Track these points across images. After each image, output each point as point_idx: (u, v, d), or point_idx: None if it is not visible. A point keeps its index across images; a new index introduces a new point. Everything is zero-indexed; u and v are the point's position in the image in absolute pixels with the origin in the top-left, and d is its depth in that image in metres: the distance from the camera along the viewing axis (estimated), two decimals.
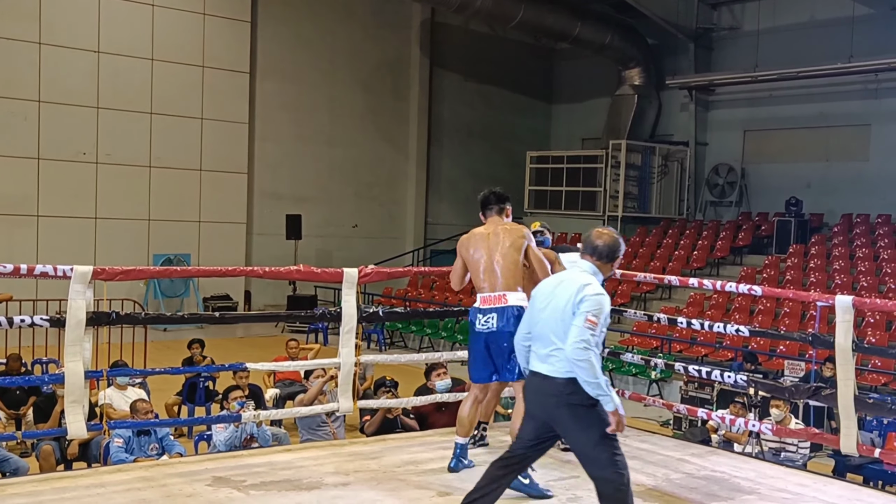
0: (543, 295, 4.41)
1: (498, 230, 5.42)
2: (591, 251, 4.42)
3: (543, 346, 4.30)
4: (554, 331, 4.24)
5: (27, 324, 5.39)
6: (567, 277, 4.40)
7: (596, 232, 4.49)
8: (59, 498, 4.88)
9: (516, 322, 5.08)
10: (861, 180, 19.13)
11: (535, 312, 4.43)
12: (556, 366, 4.22)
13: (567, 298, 4.23)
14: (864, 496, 5.57)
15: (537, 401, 4.37)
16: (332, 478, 5.35)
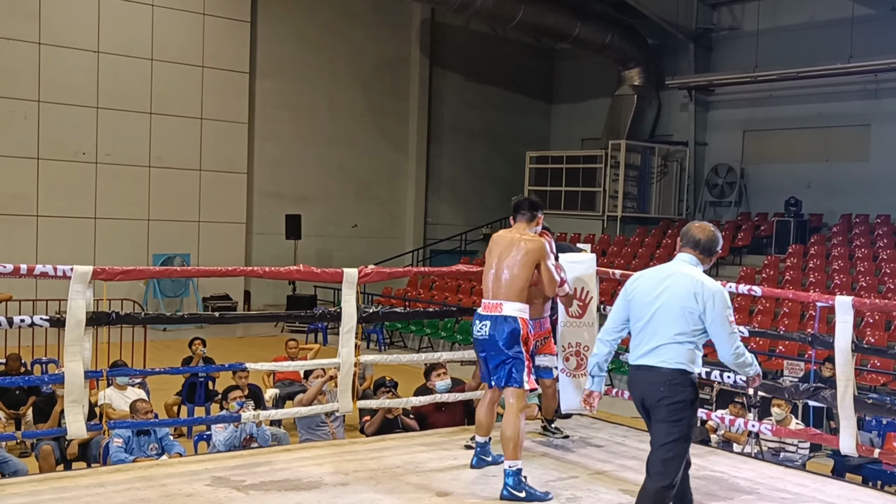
0: (647, 288, 4.38)
1: (519, 239, 5.35)
2: (694, 245, 4.42)
3: (652, 338, 4.30)
4: (670, 324, 4.27)
5: (27, 324, 5.38)
6: (675, 271, 4.37)
7: (697, 226, 4.48)
8: (59, 497, 4.88)
9: (509, 334, 5.16)
10: (860, 181, 19.14)
11: (637, 307, 4.38)
12: (665, 356, 4.26)
13: (683, 293, 4.26)
14: (863, 496, 5.57)
15: (643, 392, 4.36)
16: (331, 477, 5.35)
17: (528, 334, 5.23)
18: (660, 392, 4.25)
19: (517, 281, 5.23)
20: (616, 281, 7.54)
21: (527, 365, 5.20)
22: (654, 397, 4.28)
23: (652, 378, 4.28)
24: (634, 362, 4.39)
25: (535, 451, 6.14)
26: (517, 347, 5.19)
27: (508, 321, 5.19)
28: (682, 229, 4.51)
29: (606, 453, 6.18)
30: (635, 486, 5.44)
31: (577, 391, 6.71)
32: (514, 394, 5.20)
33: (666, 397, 4.23)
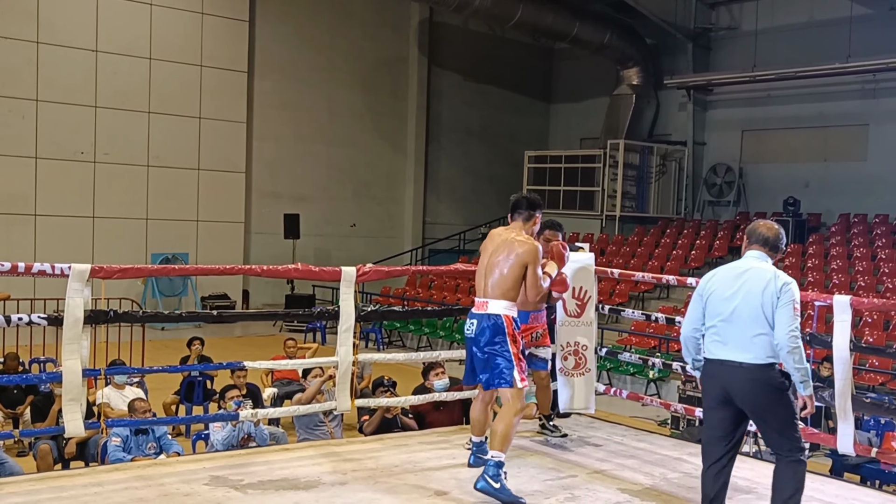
0: (724, 285, 4.49)
1: (511, 239, 5.25)
2: (763, 242, 4.59)
3: (739, 334, 4.39)
4: (753, 318, 4.37)
5: (25, 322, 5.38)
6: (750, 266, 4.50)
7: (764, 224, 4.66)
8: (57, 497, 4.86)
9: (490, 331, 5.11)
10: (859, 180, 19.15)
11: (715, 303, 4.48)
12: (755, 352, 4.36)
13: (762, 287, 4.39)
14: (860, 495, 5.57)
15: (728, 386, 4.43)
16: (329, 477, 5.34)
17: (514, 332, 5.14)
18: (753, 388, 4.38)
19: (505, 281, 5.16)
20: (614, 280, 7.56)
21: (516, 363, 5.10)
22: (746, 393, 4.40)
23: (740, 375, 4.38)
24: (716, 357, 4.47)
25: (533, 450, 6.14)
26: (501, 345, 5.11)
27: (492, 318, 5.14)
28: (749, 228, 4.69)
29: (605, 452, 6.18)
30: (633, 485, 5.45)
31: (576, 390, 6.72)
32: (509, 394, 5.12)
33: (763, 392, 4.37)
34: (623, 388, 12.58)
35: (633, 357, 8.32)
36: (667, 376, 13.92)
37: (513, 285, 5.16)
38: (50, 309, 11.13)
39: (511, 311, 5.16)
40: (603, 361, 13.25)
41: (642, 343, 15.70)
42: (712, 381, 4.54)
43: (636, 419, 11.13)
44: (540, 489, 5.26)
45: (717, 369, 4.48)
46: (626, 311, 7.83)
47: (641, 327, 15.93)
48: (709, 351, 4.50)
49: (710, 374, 4.54)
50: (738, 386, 4.40)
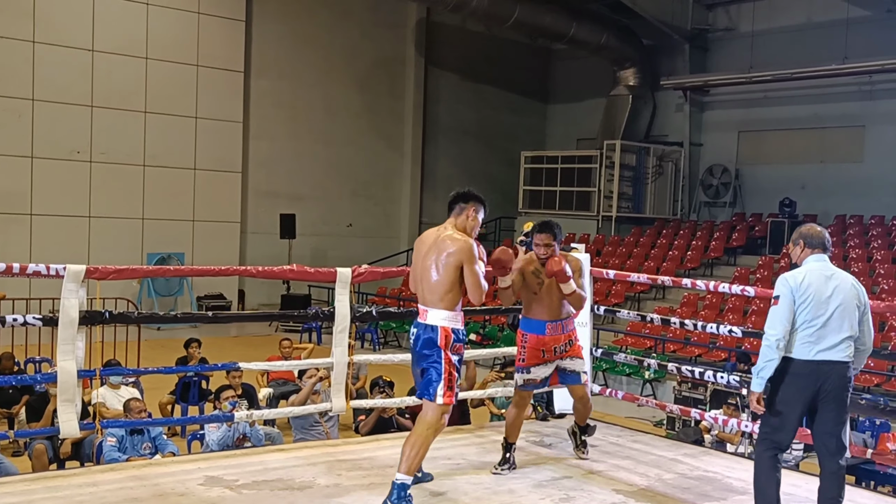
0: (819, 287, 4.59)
1: (442, 238, 4.82)
2: (823, 247, 4.76)
3: (834, 335, 4.57)
4: (848, 320, 4.59)
5: (20, 323, 5.38)
6: (834, 271, 4.69)
7: (816, 229, 4.82)
8: (52, 496, 4.87)
9: (424, 342, 4.78)
10: (855, 182, 19.17)
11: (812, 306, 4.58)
12: (847, 352, 4.60)
13: (854, 292, 4.65)
14: (855, 496, 5.58)
15: (822, 383, 4.58)
16: (324, 478, 5.34)
17: (446, 343, 4.74)
18: (843, 383, 4.61)
19: (440, 285, 4.75)
20: (610, 281, 7.56)
21: (445, 378, 4.73)
22: (836, 388, 4.59)
23: (838, 371, 4.58)
24: (814, 357, 4.58)
25: (527, 450, 6.15)
26: (433, 357, 4.76)
27: (427, 330, 4.78)
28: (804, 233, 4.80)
29: (600, 453, 6.19)
30: (628, 485, 5.46)
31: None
32: (427, 407, 4.81)
33: (847, 387, 4.63)
34: (619, 389, 12.58)
35: (628, 358, 8.32)
36: (662, 377, 13.93)
37: (449, 289, 4.74)
38: (45, 308, 11.12)
39: (451, 322, 4.77)
40: (598, 362, 13.25)
41: (638, 344, 15.71)
42: (806, 380, 4.61)
43: (632, 420, 11.14)
44: (534, 489, 5.27)
45: (815, 368, 4.59)
46: (621, 311, 7.83)
47: (637, 328, 15.94)
48: (798, 352, 4.60)
49: (804, 375, 4.61)
50: (833, 383, 4.58)
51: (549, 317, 5.63)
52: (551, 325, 5.63)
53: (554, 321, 5.64)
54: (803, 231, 4.82)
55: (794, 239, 4.85)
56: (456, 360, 4.80)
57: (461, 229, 4.89)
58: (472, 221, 4.95)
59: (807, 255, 4.76)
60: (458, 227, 4.89)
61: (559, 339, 5.66)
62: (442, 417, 4.82)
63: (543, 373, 5.67)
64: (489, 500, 5.07)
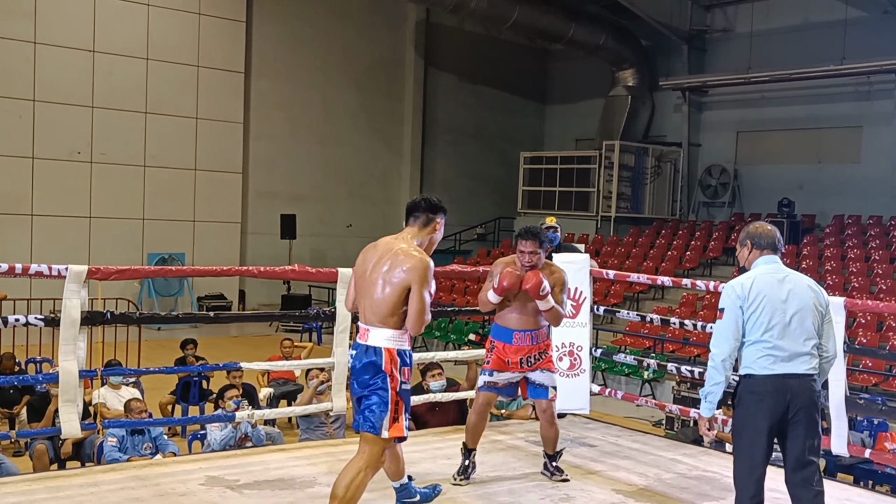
0: (771, 293, 4.11)
1: (397, 250, 4.21)
2: (773, 248, 4.32)
3: (797, 344, 4.07)
4: (808, 328, 4.09)
5: (22, 323, 5.40)
6: (787, 273, 4.22)
7: (764, 227, 4.40)
8: (53, 497, 4.88)
9: (366, 367, 4.15)
10: (853, 182, 19.20)
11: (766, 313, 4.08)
12: (812, 363, 4.09)
13: (812, 296, 4.14)
14: (853, 496, 5.61)
15: (792, 404, 4.05)
16: (325, 477, 5.36)
17: (392, 369, 4.12)
18: (812, 399, 4.08)
19: (385, 304, 4.13)
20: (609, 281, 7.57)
21: (391, 408, 4.13)
22: (806, 405, 4.06)
23: (805, 385, 4.07)
24: (777, 371, 4.05)
25: (526, 449, 6.17)
26: (376, 384, 4.13)
27: (369, 352, 4.16)
28: (751, 233, 4.38)
29: (599, 453, 6.21)
30: (628, 485, 5.48)
31: (571, 391, 6.75)
32: (366, 440, 4.18)
33: (816, 404, 4.12)
34: (618, 389, 12.61)
35: (627, 358, 8.34)
36: (661, 377, 13.96)
37: (395, 308, 4.12)
38: (46, 309, 11.17)
39: (396, 343, 4.15)
40: (598, 362, 13.23)
41: (637, 344, 15.74)
42: (772, 400, 4.05)
43: (631, 420, 11.16)
44: (534, 489, 5.29)
45: (780, 386, 4.05)
46: (620, 311, 7.86)
47: (636, 328, 15.97)
48: (758, 368, 4.07)
49: (769, 392, 4.06)
50: (802, 400, 4.05)
51: (518, 326, 5.30)
52: (519, 334, 5.30)
53: (523, 331, 5.30)
54: (750, 230, 4.38)
55: (741, 239, 4.40)
56: (404, 388, 4.18)
57: (424, 244, 4.32)
58: (438, 236, 4.45)
59: (755, 258, 4.30)
60: (421, 243, 4.33)
61: (525, 350, 5.30)
62: (383, 455, 4.22)
63: (507, 378, 5.33)
64: (488, 499, 5.09)
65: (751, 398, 4.10)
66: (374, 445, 4.16)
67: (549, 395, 5.34)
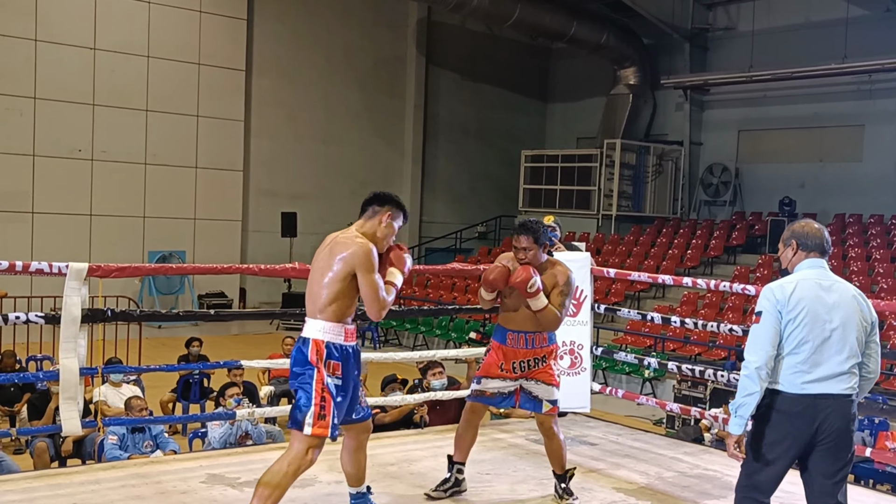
0: (814, 302, 3.71)
1: (340, 239, 4.10)
2: (822, 251, 3.89)
3: (836, 361, 3.68)
4: (851, 343, 3.70)
5: (22, 320, 5.39)
6: (834, 280, 3.81)
7: (812, 226, 3.94)
8: (54, 494, 4.88)
9: (297, 362, 4.00)
10: (854, 181, 19.21)
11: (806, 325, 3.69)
12: (850, 382, 3.70)
13: (858, 309, 3.75)
14: (854, 494, 5.58)
15: (822, 428, 3.67)
16: (326, 475, 5.36)
17: (318, 361, 3.95)
18: (846, 423, 3.70)
19: (321, 294, 4.01)
20: (610, 280, 7.56)
21: (316, 402, 3.92)
22: (837, 429, 3.68)
23: (839, 408, 3.67)
24: (808, 390, 3.67)
25: (528, 448, 6.17)
26: (304, 376, 3.97)
27: (299, 344, 4.04)
28: (797, 232, 3.95)
29: (600, 451, 6.21)
30: (629, 483, 5.48)
31: (572, 389, 6.74)
32: (294, 438, 3.99)
33: (850, 429, 3.73)
34: (618, 388, 12.59)
35: (628, 356, 8.35)
36: (662, 376, 13.96)
37: (333, 299, 3.99)
38: (46, 306, 11.17)
39: (326, 335, 4.00)
40: (598, 361, 13.28)
41: (638, 342, 15.74)
42: (798, 420, 3.69)
43: (631, 418, 11.16)
44: (535, 487, 5.29)
45: (810, 405, 3.67)
46: (621, 310, 7.85)
47: (637, 327, 15.97)
48: (788, 383, 3.70)
49: (796, 413, 3.69)
50: (833, 423, 3.66)
51: (513, 326, 4.89)
52: (513, 335, 4.88)
53: (517, 332, 4.87)
54: (796, 229, 3.95)
55: (786, 238, 3.97)
56: (331, 383, 3.96)
57: (369, 235, 4.14)
58: (385, 228, 4.21)
59: (800, 260, 3.87)
60: (365, 233, 4.15)
61: (520, 354, 4.87)
62: (308, 453, 3.94)
63: (497, 387, 4.90)
64: (490, 498, 5.09)
65: (776, 417, 3.72)
66: (298, 443, 3.94)
67: (544, 408, 4.86)
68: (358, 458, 4.37)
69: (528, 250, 4.80)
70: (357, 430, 4.32)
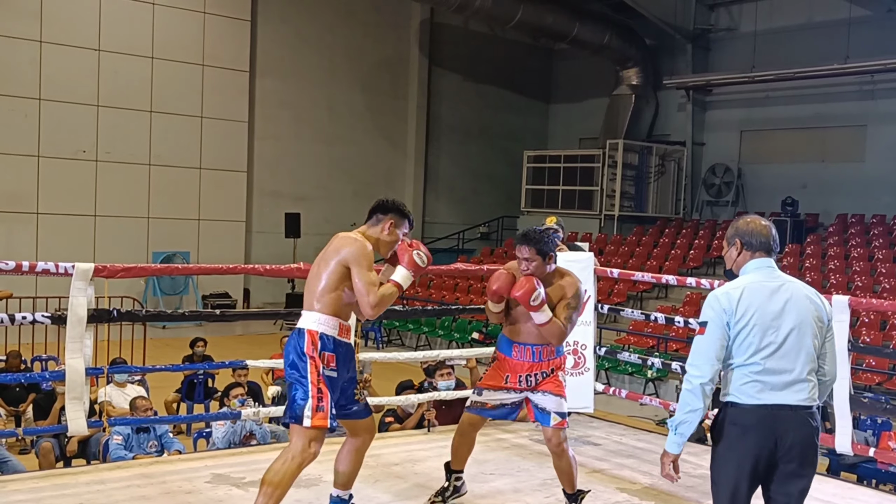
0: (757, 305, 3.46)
1: (342, 236, 4.13)
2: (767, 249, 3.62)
3: (792, 368, 3.41)
4: (807, 348, 3.43)
5: (29, 321, 5.42)
6: (783, 280, 3.56)
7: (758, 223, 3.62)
8: (60, 494, 4.91)
9: (291, 353, 3.99)
10: (856, 181, 19.21)
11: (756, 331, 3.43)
12: (810, 392, 3.43)
13: (812, 309, 3.50)
14: (858, 494, 5.62)
15: (782, 442, 3.39)
16: (331, 475, 5.35)
17: (313, 352, 3.94)
18: (808, 436, 3.41)
19: (318, 285, 4.02)
20: (613, 280, 7.56)
21: (313, 394, 3.89)
22: (800, 443, 3.40)
23: (799, 419, 3.40)
24: (765, 401, 3.40)
25: (531, 448, 6.19)
26: (298, 369, 3.96)
27: (294, 336, 4.03)
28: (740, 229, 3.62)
29: (604, 452, 6.23)
30: (632, 484, 5.50)
31: (575, 390, 6.76)
32: (293, 432, 3.97)
33: (814, 442, 3.44)
34: (622, 388, 12.60)
35: (631, 357, 8.36)
36: (665, 376, 13.97)
37: (330, 289, 3.98)
38: (51, 307, 11.23)
39: (322, 326, 3.98)
40: (602, 361, 13.30)
41: (641, 342, 15.75)
42: (757, 434, 3.40)
43: (635, 419, 11.17)
44: (538, 488, 5.31)
45: (767, 417, 3.39)
46: (624, 310, 7.87)
47: (640, 327, 15.98)
48: (742, 395, 3.44)
49: (753, 426, 3.41)
50: (794, 437, 3.39)
51: (518, 338, 4.70)
52: (519, 347, 4.69)
53: (523, 344, 4.68)
54: (741, 227, 3.61)
55: (729, 237, 3.64)
56: (326, 374, 3.95)
57: (371, 240, 4.16)
58: (387, 237, 4.20)
59: (746, 261, 3.58)
60: (368, 236, 4.17)
61: (526, 367, 4.69)
62: (311, 445, 3.92)
63: (499, 398, 4.74)
64: (493, 498, 5.11)
65: (733, 431, 3.46)
66: (298, 436, 3.91)
67: (552, 421, 4.64)
68: (355, 460, 4.31)
69: (531, 261, 4.55)
70: (360, 429, 4.27)
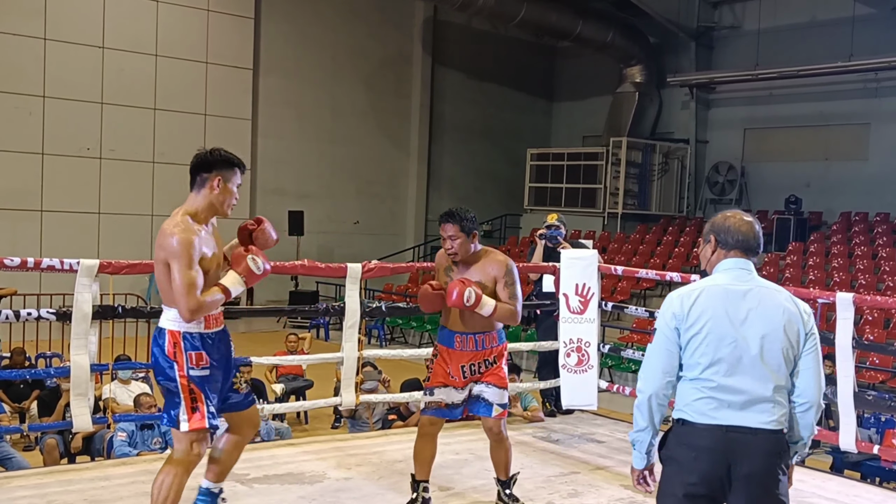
0: (714, 311, 3.04)
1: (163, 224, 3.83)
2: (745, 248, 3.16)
3: (753, 386, 2.99)
4: (778, 363, 3.01)
5: (34, 317, 5.46)
6: (753, 285, 3.09)
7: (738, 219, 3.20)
8: (64, 490, 4.92)
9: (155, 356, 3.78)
10: (860, 179, 19.20)
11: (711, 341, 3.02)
12: (774, 413, 2.99)
13: (785, 319, 3.03)
14: (861, 492, 5.63)
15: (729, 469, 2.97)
16: (334, 472, 5.40)
17: (176, 353, 3.73)
18: (770, 465, 2.98)
19: (162, 284, 3.78)
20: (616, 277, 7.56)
21: (185, 396, 3.71)
22: (757, 472, 2.97)
23: (758, 445, 2.97)
24: (719, 421, 2.99)
25: (535, 445, 6.20)
26: (165, 372, 3.75)
27: (156, 334, 3.83)
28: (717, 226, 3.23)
29: (608, 449, 6.24)
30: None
31: (579, 387, 6.77)
32: (174, 437, 3.82)
33: (776, 473, 2.99)
34: (625, 385, 12.60)
35: (635, 354, 8.35)
36: None
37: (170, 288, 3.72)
38: (55, 304, 11.22)
39: (180, 325, 3.75)
40: (605, 358, 13.30)
41: (644, 340, 15.73)
42: (708, 459, 2.99)
43: None
44: (542, 485, 5.32)
45: (720, 440, 2.98)
46: (628, 308, 7.87)
47: (643, 325, 15.97)
48: (694, 413, 3.05)
49: (705, 449, 3.00)
50: (751, 465, 2.95)
51: (457, 327, 4.53)
52: (460, 337, 4.52)
53: (464, 334, 4.51)
54: (717, 222, 3.22)
55: (705, 233, 3.26)
56: (196, 374, 3.73)
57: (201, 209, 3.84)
58: (219, 195, 3.86)
59: (719, 260, 3.16)
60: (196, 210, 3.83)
61: (468, 357, 4.52)
62: (193, 447, 3.77)
63: (452, 397, 4.56)
64: (496, 495, 5.11)
65: (682, 453, 3.04)
66: (179, 441, 3.78)
67: (494, 412, 4.52)
68: (231, 454, 4.09)
69: (455, 239, 4.42)
70: (239, 422, 4.06)
